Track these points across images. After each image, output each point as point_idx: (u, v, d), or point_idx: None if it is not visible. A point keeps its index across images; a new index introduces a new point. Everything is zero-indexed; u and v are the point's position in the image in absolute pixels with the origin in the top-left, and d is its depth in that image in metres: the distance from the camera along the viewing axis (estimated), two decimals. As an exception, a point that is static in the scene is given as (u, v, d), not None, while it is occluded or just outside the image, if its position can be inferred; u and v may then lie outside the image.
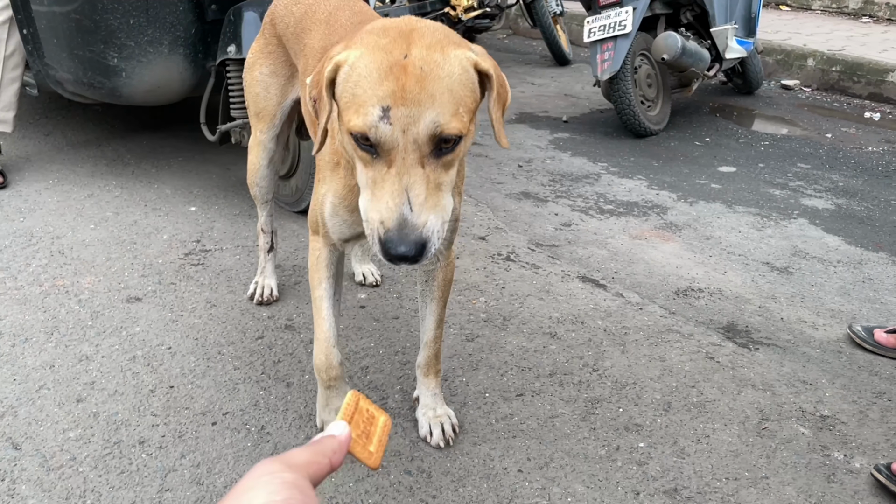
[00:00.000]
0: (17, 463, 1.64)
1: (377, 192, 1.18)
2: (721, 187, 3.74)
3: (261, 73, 2.09)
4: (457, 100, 1.17)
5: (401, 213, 1.14)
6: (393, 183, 1.15)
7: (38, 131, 3.87)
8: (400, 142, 1.14)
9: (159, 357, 2.05)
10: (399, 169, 1.15)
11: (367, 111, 1.13)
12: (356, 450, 0.83)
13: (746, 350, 2.27)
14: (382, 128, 1.13)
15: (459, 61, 1.19)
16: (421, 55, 1.15)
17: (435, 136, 1.15)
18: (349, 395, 0.90)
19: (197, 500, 1.57)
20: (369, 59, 1.15)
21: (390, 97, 1.12)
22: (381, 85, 1.13)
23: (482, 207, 3.31)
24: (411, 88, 1.12)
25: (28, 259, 2.54)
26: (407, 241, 1.14)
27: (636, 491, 1.68)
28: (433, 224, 1.17)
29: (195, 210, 3.06)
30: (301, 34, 1.93)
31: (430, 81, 1.14)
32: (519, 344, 2.24)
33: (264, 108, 2.11)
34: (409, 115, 1.13)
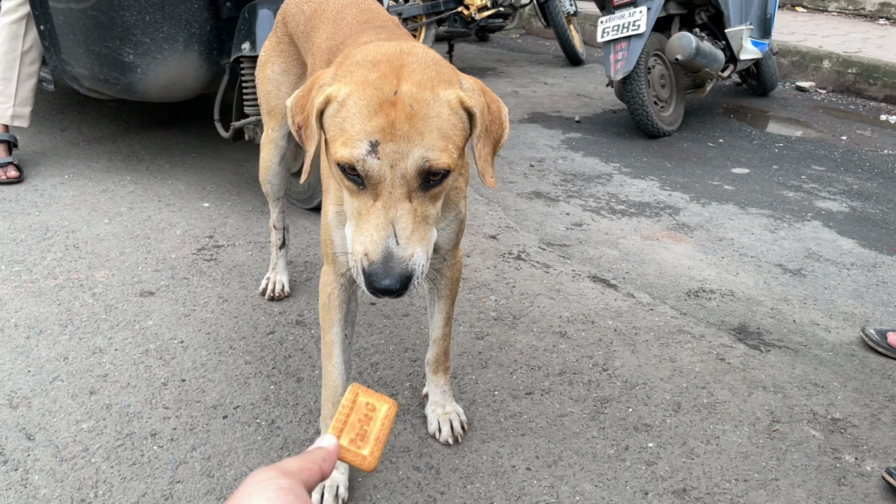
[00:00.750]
0: (31, 453, 1.66)
1: (362, 225, 1.18)
2: (734, 189, 3.72)
3: (272, 71, 2.10)
4: (445, 137, 1.17)
5: (386, 247, 1.14)
6: (378, 216, 1.15)
7: (55, 127, 3.91)
8: (387, 176, 1.14)
9: (171, 351, 2.07)
10: (385, 202, 1.15)
11: (354, 144, 1.13)
12: (348, 457, 0.85)
13: (758, 352, 2.26)
14: (370, 161, 1.13)
15: (448, 101, 1.18)
16: (411, 92, 1.15)
17: (423, 170, 1.15)
18: (348, 390, 0.91)
19: (207, 492, 1.58)
20: (359, 95, 1.15)
21: (379, 132, 1.13)
22: (370, 120, 1.13)
23: (493, 206, 3.31)
24: (400, 125, 1.12)
25: (43, 252, 2.56)
26: (392, 274, 1.13)
27: (645, 491, 1.68)
28: (419, 257, 1.17)
29: (208, 206, 3.08)
30: (310, 32, 1.94)
31: (419, 120, 1.14)
32: (529, 342, 2.24)
33: (276, 105, 2.12)
34: (397, 151, 1.13)
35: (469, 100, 1.22)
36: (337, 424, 0.87)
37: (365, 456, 0.86)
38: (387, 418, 0.90)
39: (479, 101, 1.25)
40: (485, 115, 1.26)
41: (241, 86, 3.01)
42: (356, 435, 0.87)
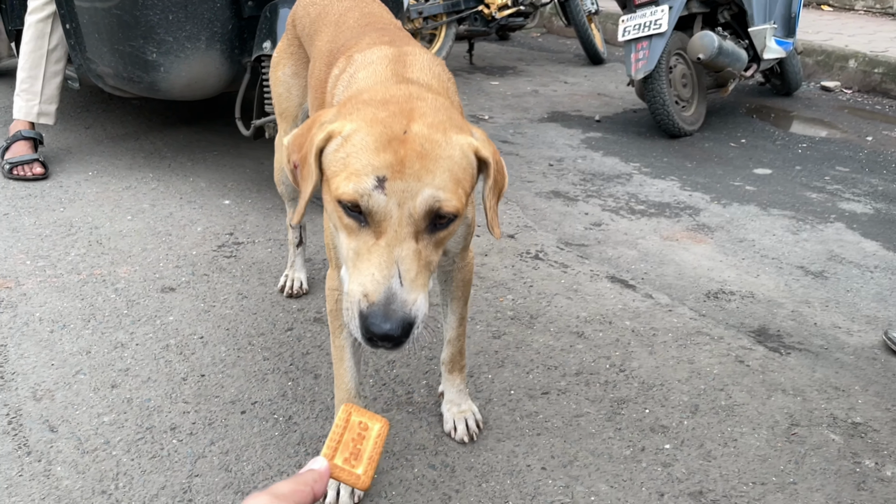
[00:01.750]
0: (54, 445, 1.69)
1: (360, 265, 1.08)
2: (756, 189, 3.68)
3: (283, 74, 2.12)
4: (456, 180, 1.11)
5: (389, 287, 1.04)
6: (381, 254, 1.06)
7: (79, 124, 3.97)
8: (394, 214, 1.06)
9: (191, 346, 2.09)
10: (390, 240, 1.07)
11: (359, 179, 1.06)
12: (343, 476, 0.87)
13: (778, 354, 2.24)
14: (376, 197, 1.06)
15: (460, 145, 1.14)
16: (422, 133, 1.10)
17: (433, 211, 1.09)
18: (341, 410, 0.93)
19: (225, 486, 1.60)
20: (366, 131, 1.10)
21: (387, 168, 1.06)
22: (377, 156, 1.07)
23: (511, 205, 3.30)
24: (411, 163, 1.07)
25: (67, 248, 2.61)
26: (393, 318, 1.03)
27: (661, 492, 1.67)
28: (421, 304, 1.07)
29: (229, 203, 3.11)
30: (314, 35, 1.94)
31: (431, 160, 1.08)
32: (545, 342, 2.24)
33: (286, 108, 2.14)
34: (406, 190, 1.06)
35: (483, 149, 1.18)
36: (331, 444, 0.89)
37: (359, 475, 0.88)
38: (379, 437, 0.92)
39: (491, 150, 1.21)
40: (494, 167, 1.22)
41: (262, 84, 3.04)
42: (350, 454, 0.89)
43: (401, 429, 1.82)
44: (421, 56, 1.48)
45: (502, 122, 4.73)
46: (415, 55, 1.47)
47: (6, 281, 2.36)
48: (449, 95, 1.43)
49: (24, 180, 3.16)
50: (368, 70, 1.42)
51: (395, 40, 1.57)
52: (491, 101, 5.30)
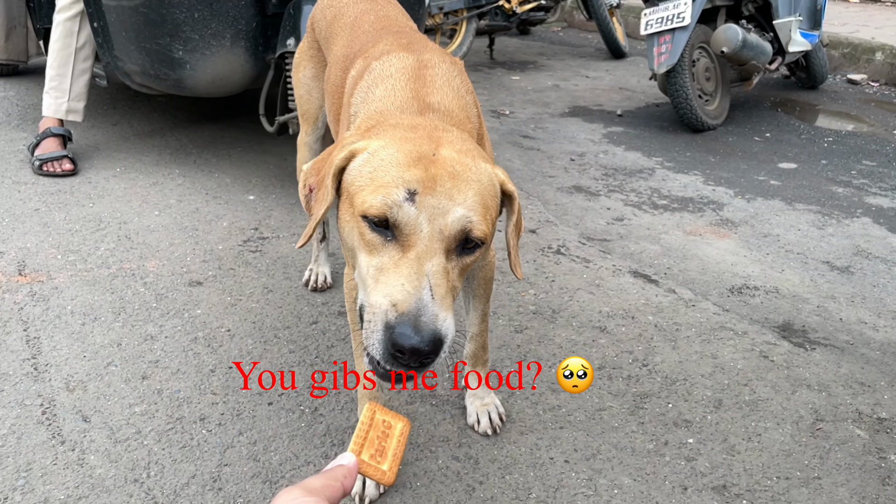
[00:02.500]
0: (87, 434, 1.73)
1: (386, 278, 1.02)
2: (781, 184, 3.65)
3: (304, 76, 2.14)
4: (485, 206, 1.09)
5: (420, 298, 0.97)
6: (411, 266, 1.00)
7: (106, 121, 4.03)
8: (425, 228, 1.02)
9: (219, 339, 2.13)
10: (420, 253, 1.01)
11: (388, 190, 1.02)
12: (369, 472, 0.91)
13: (802, 350, 2.23)
14: (406, 208, 1.02)
15: (489, 173, 1.13)
16: (452, 156, 1.08)
17: (465, 232, 1.05)
18: (365, 408, 0.96)
19: (254, 475, 1.63)
20: (396, 147, 1.07)
21: (418, 183, 1.03)
22: (408, 170, 1.04)
23: (533, 200, 3.31)
24: (442, 181, 1.04)
25: (97, 243, 2.66)
26: (424, 330, 0.96)
27: (684, 486, 1.67)
28: (452, 325, 1.01)
29: (253, 199, 3.15)
30: (330, 39, 1.94)
31: (462, 181, 1.06)
32: (568, 337, 2.24)
33: (307, 110, 2.16)
34: (438, 206, 1.03)
35: (508, 183, 1.17)
36: (357, 441, 0.93)
37: (384, 471, 0.91)
38: (402, 435, 0.95)
39: (513, 189, 1.20)
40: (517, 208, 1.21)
41: (286, 81, 3.07)
42: (375, 451, 0.93)
43: (424, 421, 1.84)
44: (440, 67, 1.44)
45: (523, 117, 4.72)
46: (434, 67, 1.43)
47: (38, 275, 2.41)
48: (469, 118, 1.41)
49: (53, 176, 3.23)
50: (387, 85, 1.38)
51: (411, 44, 1.56)
52: (512, 95, 5.29)
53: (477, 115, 1.50)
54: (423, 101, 1.32)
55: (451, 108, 1.35)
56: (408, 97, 1.33)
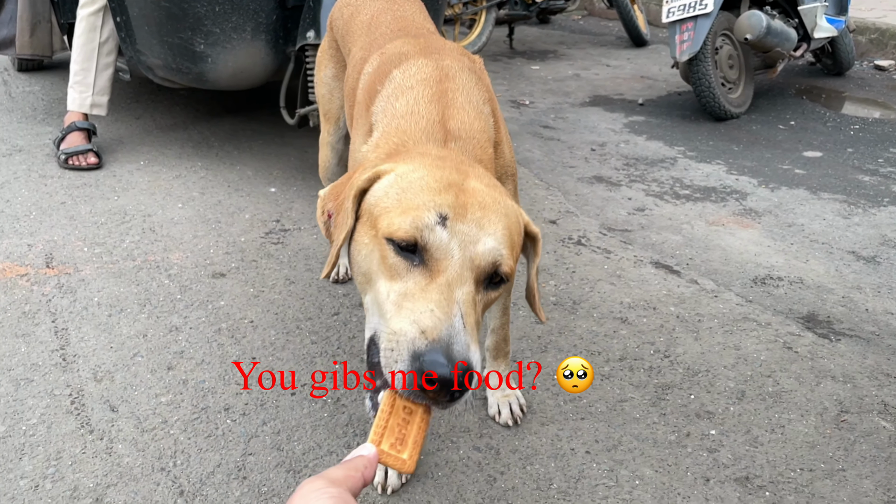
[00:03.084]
0: (115, 424, 1.76)
1: (412, 304, 0.95)
2: (805, 173, 3.60)
3: (325, 76, 2.14)
4: (512, 241, 1.07)
5: (452, 325, 0.91)
6: (442, 291, 0.94)
7: (130, 115, 4.08)
8: (456, 255, 0.98)
9: (242, 330, 2.16)
10: (451, 279, 0.96)
11: (419, 212, 0.98)
12: (389, 461, 0.90)
13: (827, 341, 2.20)
14: (438, 232, 0.98)
15: (515, 211, 1.12)
16: (480, 188, 1.06)
17: (495, 265, 1.01)
18: (386, 394, 0.95)
19: (277, 464, 1.65)
20: (424, 171, 1.05)
21: (450, 208, 0.99)
22: (439, 194, 1.00)
23: (553, 191, 3.30)
24: (473, 210, 1.01)
25: (122, 235, 2.70)
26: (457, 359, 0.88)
27: (706, 477, 1.67)
28: (479, 358, 0.95)
29: (275, 191, 3.17)
30: (347, 38, 1.93)
31: (492, 212, 1.03)
32: (588, 328, 2.24)
33: (329, 110, 2.16)
34: (469, 234, 0.99)
35: (533, 226, 1.17)
36: (377, 430, 0.92)
37: (405, 460, 0.91)
38: (423, 421, 0.94)
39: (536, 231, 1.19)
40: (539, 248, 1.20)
41: (306, 73, 3.08)
42: (395, 439, 0.91)
43: (445, 412, 1.85)
44: (460, 78, 1.42)
45: (543, 107, 4.70)
46: (454, 77, 1.41)
47: (66, 267, 2.45)
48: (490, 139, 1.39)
49: (79, 170, 3.27)
50: (408, 98, 1.36)
51: (429, 47, 1.54)
52: (532, 85, 5.26)
53: (495, 122, 1.48)
54: (446, 128, 1.31)
55: (473, 132, 1.34)
56: (432, 121, 1.31)
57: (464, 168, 1.13)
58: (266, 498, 1.56)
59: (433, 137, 1.29)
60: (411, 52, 1.52)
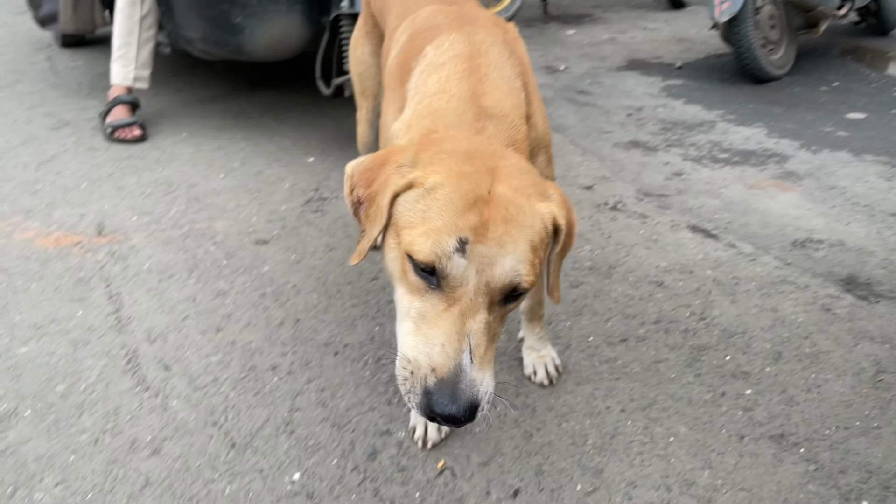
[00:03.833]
0: (169, 382, 1.86)
1: (426, 330, 1.02)
2: (848, 135, 3.52)
3: (362, 53, 2.16)
4: (535, 251, 1.06)
5: (459, 363, 0.98)
6: (454, 324, 1.00)
7: (170, 88, 4.17)
8: (472, 281, 1.00)
9: (286, 294, 2.23)
10: (465, 310, 1.00)
11: (440, 238, 1.00)
12: None
13: (866, 303, 2.19)
14: (456, 261, 1.00)
15: (542, 215, 1.09)
16: (506, 196, 1.04)
17: (512, 284, 1.04)
18: None
19: (322, 419, 1.73)
20: (452, 186, 1.04)
21: (471, 231, 1.00)
22: (462, 216, 1.00)
23: (588, 157, 3.29)
24: (494, 227, 1.01)
25: (168, 205, 2.79)
26: (460, 399, 0.97)
27: (741, 435, 1.69)
28: (489, 384, 1.03)
29: (313, 161, 3.23)
30: (384, 10, 1.94)
31: (515, 227, 1.03)
32: (624, 292, 2.26)
33: (366, 87, 2.19)
34: (487, 256, 1.01)
35: (560, 216, 1.12)
36: None
37: None
38: None
39: (567, 217, 1.15)
40: (567, 231, 1.16)
41: (341, 43, 3.11)
42: None
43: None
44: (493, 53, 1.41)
45: (579, 73, 4.66)
46: (487, 53, 1.40)
47: (116, 235, 2.55)
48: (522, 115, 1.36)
49: (124, 142, 3.37)
50: (441, 75, 1.34)
51: (462, 17, 1.53)
52: (567, 50, 5.21)
53: (528, 94, 1.47)
54: (479, 105, 1.29)
55: (505, 109, 1.32)
56: (463, 98, 1.30)
57: (493, 163, 1.09)
58: (312, 451, 1.64)
59: (464, 118, 1.27)
60: (444, 24, 1.51)
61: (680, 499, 1.53)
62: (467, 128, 1.25)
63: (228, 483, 1.56)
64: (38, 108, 3.81)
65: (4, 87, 4.18)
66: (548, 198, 1.14)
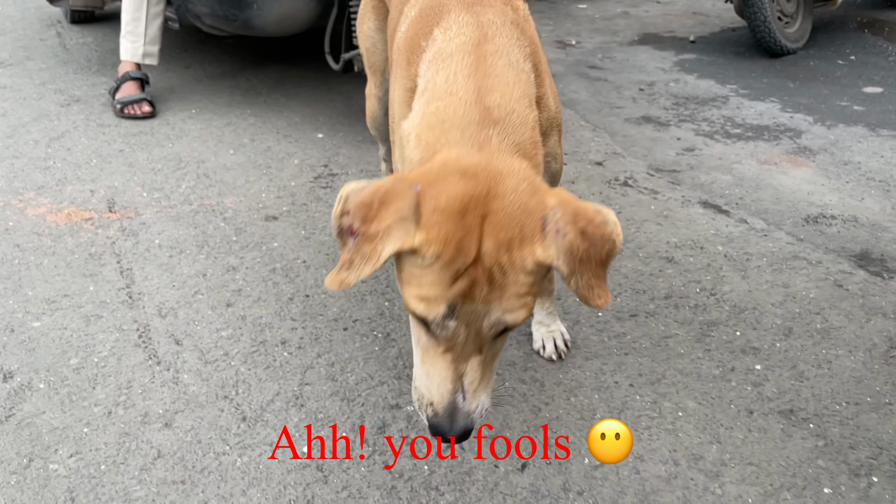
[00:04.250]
0: (180, 356, 1.87)
1: (427, 366, 1.16)
2: (864, 109, 3.47)
3: (368, 28, 2.13)
4: (523, 297, 1.10)
5: (451, 402, 1.13)
6: (447, 369, 1.12)
7: (179, 64, 4.16)
8: (462, 335, 1.10)
9: (295, 269, 2.24)
10: (456, 357, 1.12)
11: (431, 307, 1.09)
12: None
13: (880, 279, 2.17)
14: (447, 323, 1.09)
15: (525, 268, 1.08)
16: (493, 254, 1.06)
17: (499, 330, 1.13)
18: None
19: (332, 393, 1.74)
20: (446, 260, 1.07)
21: (459, 296, 1.08)
22: (451, 286, 1.07)
23: (599, 132, 3.26)
24: (480, 288, 1.07)
25: (179, 181, 2.80)
26: (455, 427, 1.14)
27: (750, 410, 1.69)
28: (483, 404, 1.17)
29: (322, 137, 3.22)
30: None
31: (498, 287, 1.08)
32: (634, 267, 2.25)
33: (374, 62, 2.17)
34: (475, 313, 1.09)
35: (548, 257, 1.09)
36: None
37: None
38: None
39: (564, 244, 1.09)
40: (575, 252, 1.09)
41: (350, 18, 3.08)
42: None
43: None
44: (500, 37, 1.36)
45: (590, 47, 4.60)
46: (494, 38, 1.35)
47: (127, 211, 2.57)
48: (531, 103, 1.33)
49: (134, 118, 3.37)
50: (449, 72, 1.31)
51: None
52: (578, 24, 5.14)
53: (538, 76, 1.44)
54: (484, 107, 1.25)
55: (512, 103, 1.28)
56: (469, 102, 1.26)
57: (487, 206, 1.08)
58: (322, 424, 1.65)
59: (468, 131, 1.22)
60: (452, 2, 1.46)
61: (687, 473, 1.53)
62: (472, 142, 1.22)
63: (239, 455, 1.57)
64: (49, 85, 3.82)
65: (15, 63, 4.18)
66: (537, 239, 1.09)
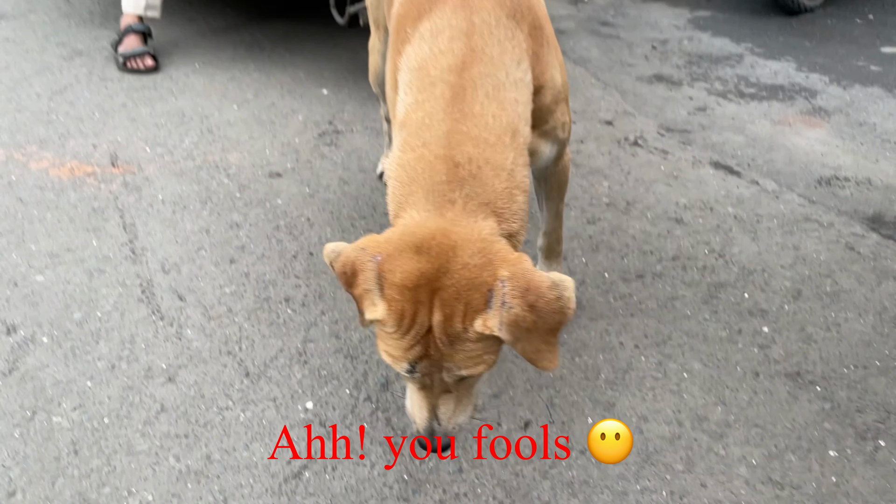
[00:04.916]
0: (183, 311, 1.86)
1: (411, 394, 1.30)
2: (882, 70, 3.38)
3: None
4: (476, 357, 1.18)
5: (430, 426, 1.28)
6: (423, 399, 1.26)
7: (183, 18, 4.07)
8: (427, 382, 1.23)
9: (299, 227, 2.22)
10: (426, 394, 1.26)
11: (395, 363, 1.22)
12: None
13: (892, 241, 2.13)
14: (411, 376, 1.22)
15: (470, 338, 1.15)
16: (441, 327, 1.14)
17: (460, 378, 1.22)
18: None
19: (336, 350, 1.73)
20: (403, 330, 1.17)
21: (417, 358, 1.20)
22: (408, 351, 1.19)
23: (610, 91, 3.19)
24: (434, 352, 1.18)
25: (182, 136, 2.76)
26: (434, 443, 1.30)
27: (756, 372, 1.68)
28: (462, 421, 1.30)
29: (327, 93, 3.16)
30: None
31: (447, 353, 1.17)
32: (642, 228, 2.22)
33: (377, 17, 2.12)
34: (433, 366, 1.20)
35: (488, 328, 1.11)
36: None
37: None
38: None
39: (509, 316, 1.09)
40: (521, 323, 1.10)
41: (356, -31, 3.00)
42: None
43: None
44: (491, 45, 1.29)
45: (602, 3, 4.49)
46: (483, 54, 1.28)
47: (130, 166, 2.54)
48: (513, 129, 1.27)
49: (137, 72, 3.32)
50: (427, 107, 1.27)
51: None
52: (591, -19, 5.01)
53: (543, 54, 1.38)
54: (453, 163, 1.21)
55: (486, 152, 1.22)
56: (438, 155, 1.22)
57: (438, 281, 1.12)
58: (325, 380, 1.65)
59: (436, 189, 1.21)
60: None
61: (692, 433, 1.52)
62: (435, 206, 1.22)
63: (242, 410, 1.57)
64: (51, 38, 3.75)
65: (18, 16, 4.11)
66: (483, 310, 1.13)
